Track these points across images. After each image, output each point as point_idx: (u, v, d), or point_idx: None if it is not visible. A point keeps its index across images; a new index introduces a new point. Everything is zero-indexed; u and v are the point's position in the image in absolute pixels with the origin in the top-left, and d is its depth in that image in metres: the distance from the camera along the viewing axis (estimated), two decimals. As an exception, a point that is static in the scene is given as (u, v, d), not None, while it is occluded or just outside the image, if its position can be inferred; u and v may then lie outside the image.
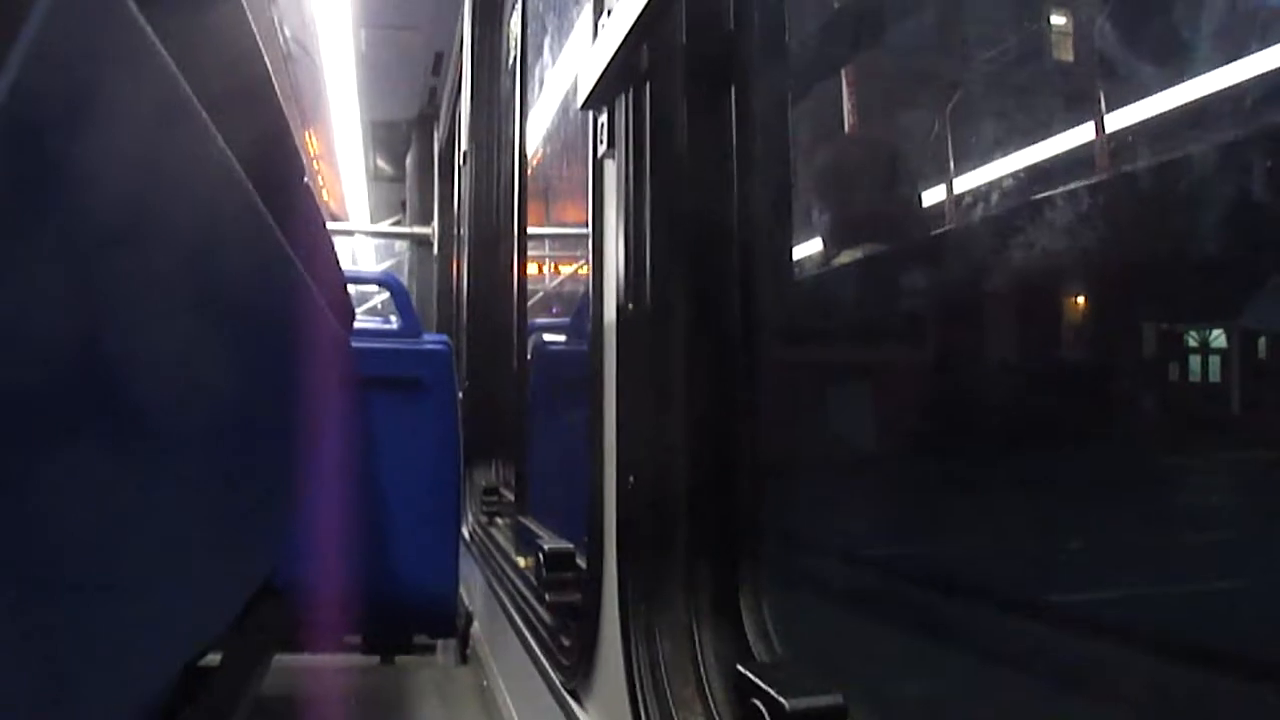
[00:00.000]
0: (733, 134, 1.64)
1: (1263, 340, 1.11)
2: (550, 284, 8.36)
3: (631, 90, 1.71)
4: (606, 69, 1.69)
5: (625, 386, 1.71)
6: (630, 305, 1.68)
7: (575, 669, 2.03)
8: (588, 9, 1.92)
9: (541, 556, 2.30)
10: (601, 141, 1.84)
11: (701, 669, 1.52)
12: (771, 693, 1.20)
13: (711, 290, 1.63)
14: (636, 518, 1.66)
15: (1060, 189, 1.24)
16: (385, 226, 10.14)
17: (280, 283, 1.77)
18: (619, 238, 1.73)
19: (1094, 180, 1.25)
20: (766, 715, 1.20)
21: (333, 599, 3.64)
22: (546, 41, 4.14)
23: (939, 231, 1.72)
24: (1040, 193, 1.28)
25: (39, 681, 1.02)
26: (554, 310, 8.01)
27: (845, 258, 1.94)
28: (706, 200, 1.65)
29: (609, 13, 1.70)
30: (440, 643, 4.59)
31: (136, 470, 1.17)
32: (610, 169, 1.83)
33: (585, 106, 1.86)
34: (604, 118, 1.83)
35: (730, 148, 1.64)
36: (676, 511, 1.61)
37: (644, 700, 1.56)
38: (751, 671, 1.29)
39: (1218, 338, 1.16)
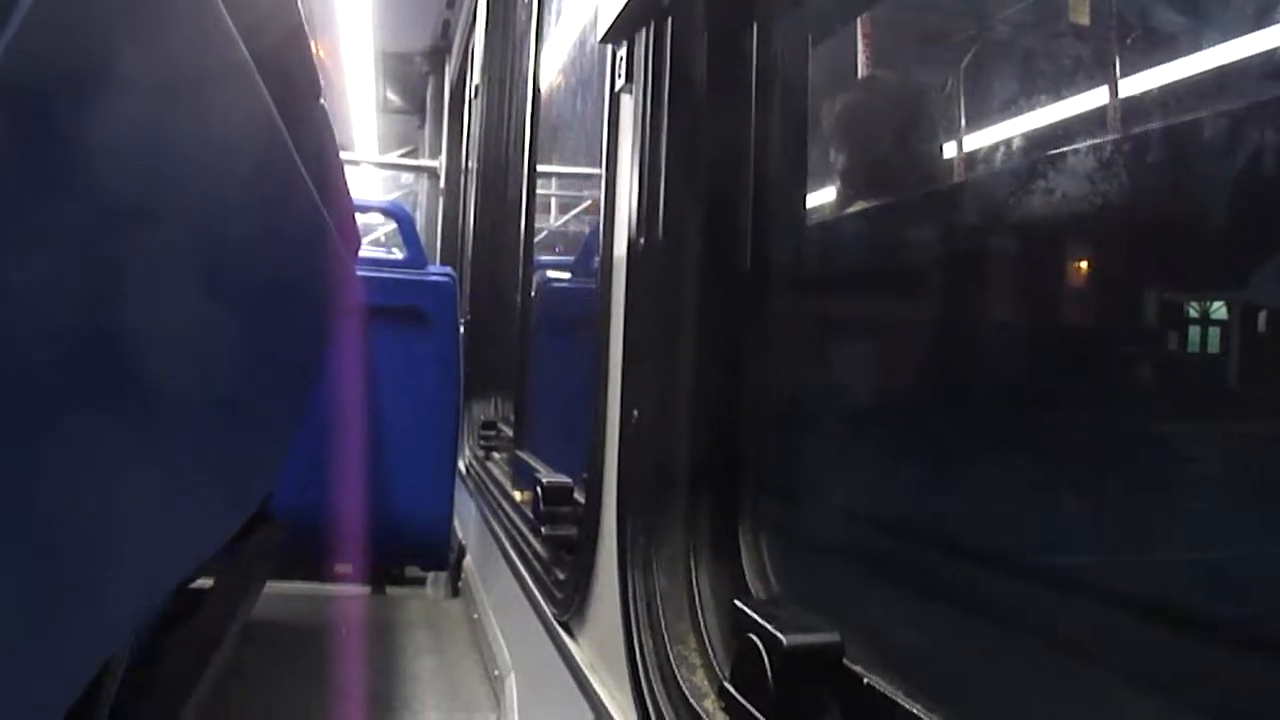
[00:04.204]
0: (753, 74, 1.63)
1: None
2: (555, 223, 8.35)
3: (652, 25, 1.70)
4: (628, 3, 1.68)
5: (633, 321, 1.71)
6: (642, 240, 1.67)
7: (569, 602, 2.04)
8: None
9: (540, 490, 2.31)
10: (619, 76, 1.83)
11: (697, 604, 1.52)
12: (769, 628, 1.21)
13: (724, 230, 1.63)
14: (638, 452, 1.66)
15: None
16: (393, 157, 10.10)
17: (290, 203, 1.77)
18: (633, 172, 1.72)
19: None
20: (763, 650, 1.20)
21: (326, 527, 3.67)
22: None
23: (954, 184, 1.72)
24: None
25: (33, 600, 1.02)
26: (558, 249, 8.00)
27: (859, 206, 1.93)
28: (724, 139, 1.64)
29: (632, -55, 1.69)
30: (431, 575, 4.62)
31: (137, 391, 1.17)
32: (627, 104, 1.82)
33: (605, 40, 1.85)
34: (623, 51, 1.82)
35: (750, 88, 1.62)
36: (678, 448, 1.61)
37: (638, 633, 1.57)
38: (749, 607, 1.30)
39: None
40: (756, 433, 1.60)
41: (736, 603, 1.35)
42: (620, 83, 1.83)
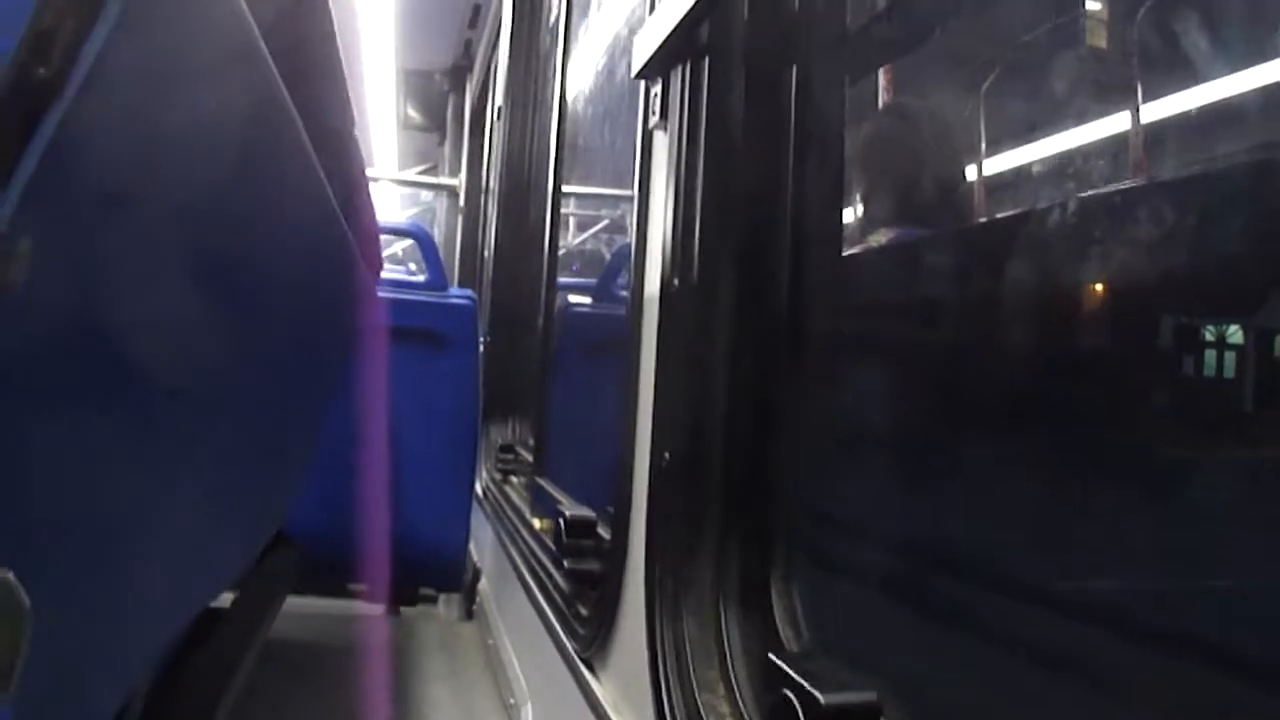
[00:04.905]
0: (791, 115, 1.62)
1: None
2: (574, 242, 8.34)
3: (689, 63, 1.69)
4: (665, 41, 1.67)
5: (665, 362, 1.70)
6: (676, 281, 1.66)
7: (592, 638, 2.03)
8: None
9: (563, 522, 2.30)
10: (654, 112, 1.83)
11: (727, 652, 1.51)
12: (805, 685, 1.20)
13: (760, 272, 1.62)
14: (669, 495, 1.65)
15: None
16: (412, 174, 10.12)
17: (318, 230, 1.77)
18: (667, 211, 1.71)
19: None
20: (799, 707, 1.19)
21: (342, 546, 3.66)
22: (594, 2, 4.11)
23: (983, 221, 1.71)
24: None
25: (66, 623, 1.02)
26: (574, 267, 7.99)
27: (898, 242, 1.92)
28: (760, 180, 1.63)
29: (670, -16, 1.68)
30: (443, 596, 4.61)
31: (163, 416, 1.17)
32: (661, 141, 1.81)
33: (639, 76, 1.85)
34: (657, 88, 1.82)
35: (788, 129, 1.62)
36: (711, 492, 1.60)
37: (665, 678, 1.55)
38: (783, 660, 1.28)
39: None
40: (790, 479, 1.59)
41: (771, 656, 1.33)
42: (654, 119, 1.82)
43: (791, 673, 1.24)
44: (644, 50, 1.77)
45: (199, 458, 1.46)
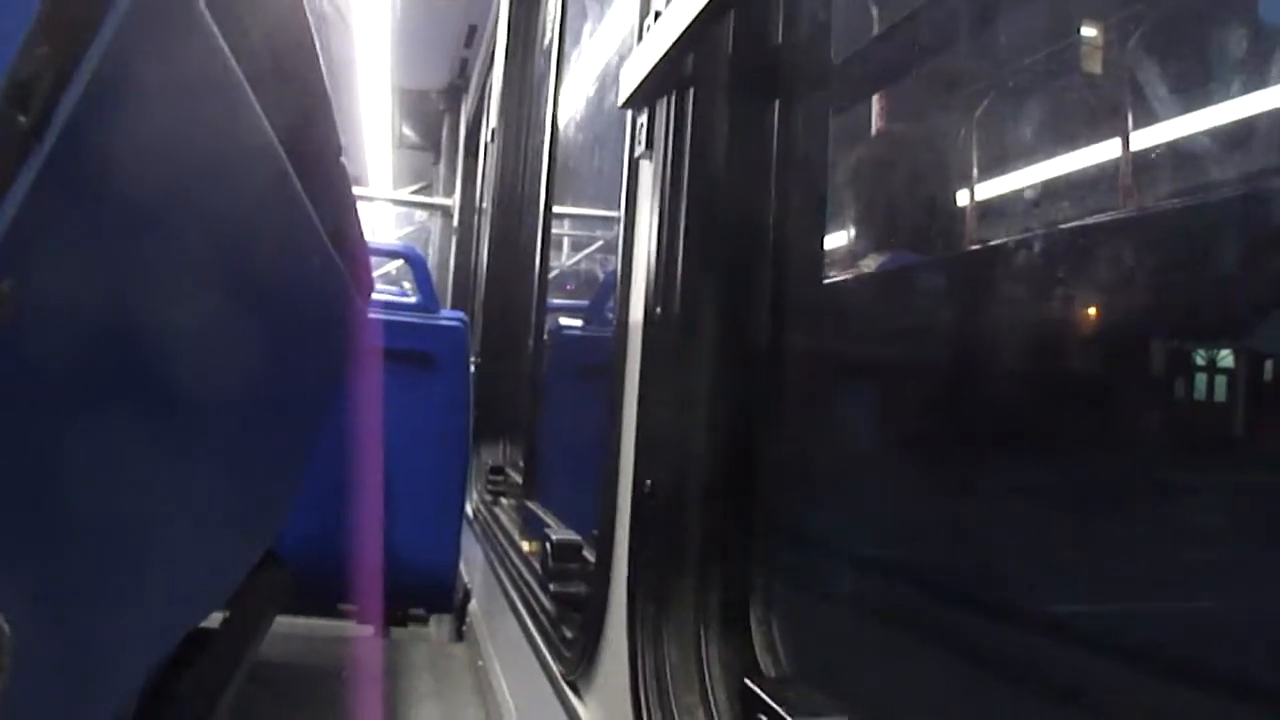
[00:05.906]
0: (774, 146, 1.64)
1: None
2: (567, 262, 8.35)
3: (674, 94, 1.71)
4: (651, 72, 1.69)
5: (648, 390, 1.71)
6: (659, 309, 1.68)
7: (576, 662, 2.04)
8: (630, 3, 1.91)
9: (549, 546, 2.31)
10: (639, 142, 1.84)
11: (707, 678, 1.52)
12: (779, 710, 1.21)
13: (742, 300, 1.64)
14: (651, 522, 1.66)
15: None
16: (405, 194, 10.13)
17: (304, 253, 1.78)
18: (651, 240, 1.73)
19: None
20: (772, 733, 1.21)
21: (332, 567, 3.66)
22: (586, 28, 4.13)
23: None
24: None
25: (52, 644, 1.03)
26: (567, 286, 7.99)
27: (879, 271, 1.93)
28: (743, 209, 1.65)
29: (656, 15, 1.70)
30: (434, 617, 4.61)
31: (152, 440, 1.18)
32: (646, 170, 1.83)
33: (625, 105, 1.86)
34: (643, 118, 1.84)
35: (770, 159, 1.64)
36: (692, 519, 1.62)
37: (647, 702, 1.57)
38: (759, 687, 1.30)
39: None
40: (770, 507, 1.60)
41: (747, 681, 1.35)
42: (640, 149, 1.84)
43: (766, 698, 1.26)
44: (630, 81, 1.78)
45: (189, 480, 1.46)
